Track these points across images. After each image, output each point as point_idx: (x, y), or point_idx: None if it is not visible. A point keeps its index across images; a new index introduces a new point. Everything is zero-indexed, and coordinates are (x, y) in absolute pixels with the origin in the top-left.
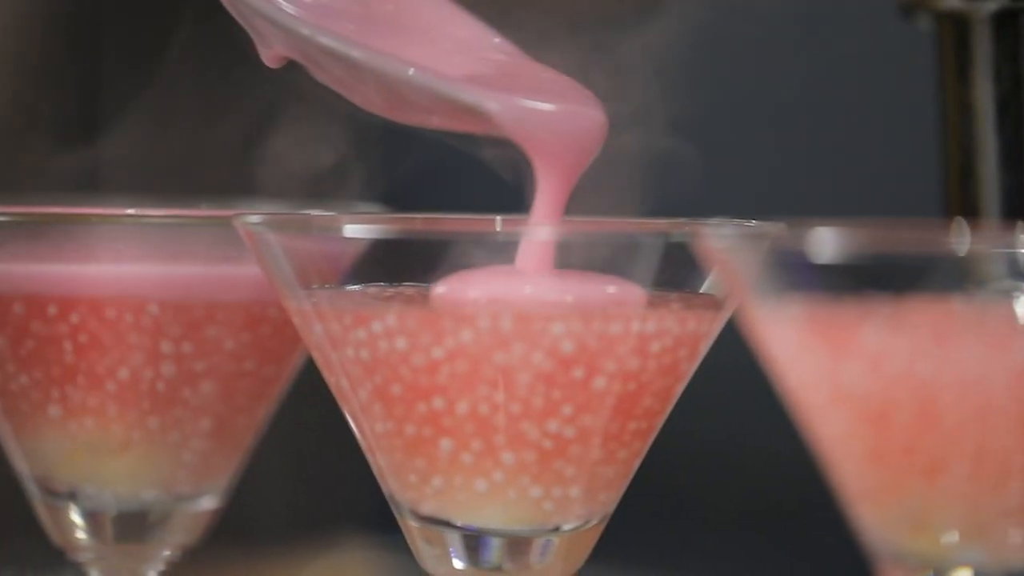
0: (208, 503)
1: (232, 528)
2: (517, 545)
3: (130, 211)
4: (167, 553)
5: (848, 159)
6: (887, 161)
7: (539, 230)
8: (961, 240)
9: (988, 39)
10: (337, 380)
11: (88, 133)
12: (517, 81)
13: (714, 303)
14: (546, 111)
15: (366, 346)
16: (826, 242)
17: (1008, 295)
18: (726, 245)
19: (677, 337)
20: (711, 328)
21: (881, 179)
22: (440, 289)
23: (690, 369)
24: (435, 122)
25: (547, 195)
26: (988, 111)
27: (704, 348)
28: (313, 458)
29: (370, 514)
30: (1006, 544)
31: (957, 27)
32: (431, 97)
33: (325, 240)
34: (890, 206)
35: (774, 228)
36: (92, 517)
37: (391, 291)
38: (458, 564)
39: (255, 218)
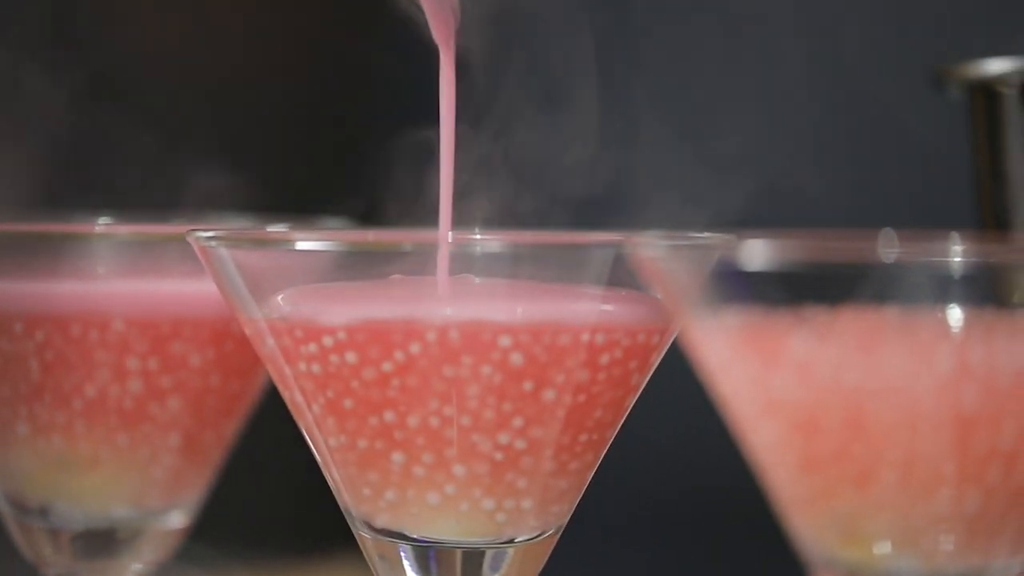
0: (178, 519)
1: (200, 544)
2: (470, 557)
3: (95, 228)
4: (138, 568)
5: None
6: (922, 229)
7: (487, 243)
8: (889, 250)
9: (1018, 109)
10: (291, 394)
11: None
12: None
13: (664, 316)
14: None
15: (317, 360)
16: (756, 253)
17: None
18: (659, 255)
19: (627, 349)
20: (662, 341)
21: None
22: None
23: (642, 381)
24: None
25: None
26: (1020, 179)
27: (655, 360)
28: (277, 472)
29: (328, 528)
30: (938, 552)
31: (988, 97)
32: None
33: (278, 254)
34: None
35: (707, 240)
36: (63, 533)
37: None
38: None
39: (208, 233)
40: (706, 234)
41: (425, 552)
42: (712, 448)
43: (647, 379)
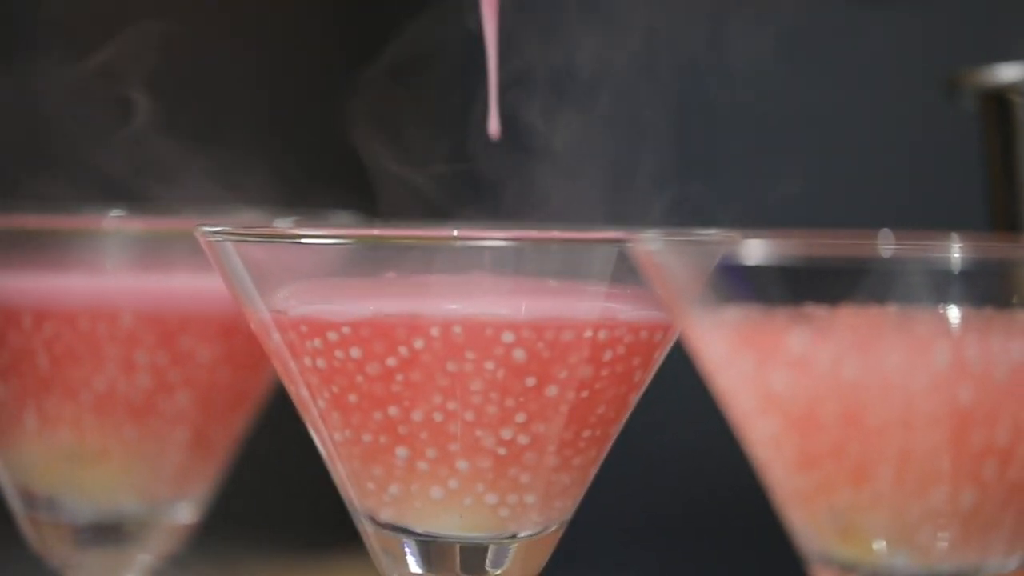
0: (185, 512)
1: (208, 536)
2: (473, 552)
3: (104, 223)
4: (145, 560)
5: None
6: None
7: (491, 239)
8: (886, 247)
9: None
10: (297, 389)
11: None
12: None
13: (667, 312)
14: None
15: (322, 355)
16: (756, 250)
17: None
18: (661, 252)
19: (629, 346)
20: (665, 337)
21: None
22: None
23: (645, 378)
24: None
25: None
26: None
27: (659, 357)
28: (281, 466)
29: (333, 522)
30: (934, 548)
31: (1000, 106)
32: None
33: (283, 250)
34: None
35: (709, 238)
36: (70, 525)
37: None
38: (416, 570)
39: (214, 228)
40: (708, 232)
41: (428, 546)
42: (712, 444)
43: (651, 376)
